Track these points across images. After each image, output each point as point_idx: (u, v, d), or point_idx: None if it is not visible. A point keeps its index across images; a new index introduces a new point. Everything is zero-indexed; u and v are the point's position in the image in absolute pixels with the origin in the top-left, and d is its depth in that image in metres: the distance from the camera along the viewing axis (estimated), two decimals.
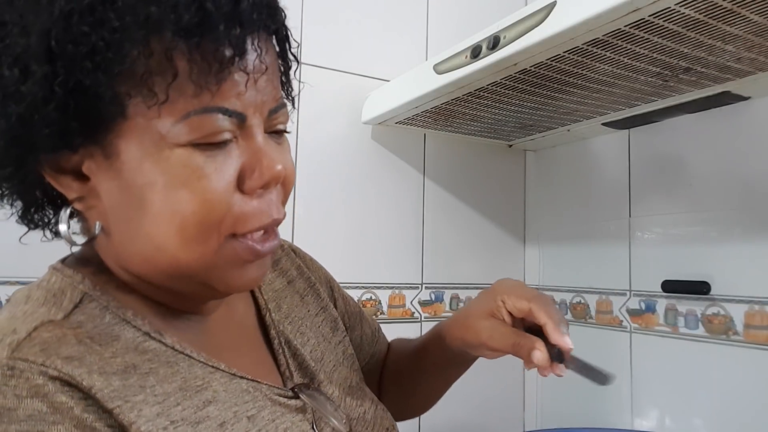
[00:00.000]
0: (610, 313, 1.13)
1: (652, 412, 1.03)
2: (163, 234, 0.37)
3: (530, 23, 0.72)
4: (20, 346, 0.33)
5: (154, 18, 0.33)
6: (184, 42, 0.34)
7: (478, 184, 1.32)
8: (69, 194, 0.39)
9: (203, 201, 0.36)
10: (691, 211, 0.99)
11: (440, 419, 1.23)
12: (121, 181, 0.37)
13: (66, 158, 0.38)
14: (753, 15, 0.61)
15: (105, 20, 0.32)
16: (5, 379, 0.31)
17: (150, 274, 0.40)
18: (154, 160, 0.36)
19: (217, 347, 0.44)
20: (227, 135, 0.37)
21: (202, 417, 0.38)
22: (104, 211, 0.39)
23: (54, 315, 0.37)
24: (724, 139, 0.94)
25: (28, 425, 0.30)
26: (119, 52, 0.33)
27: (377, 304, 1.16)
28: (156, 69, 0.34)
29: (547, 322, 0.52)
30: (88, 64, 0.33)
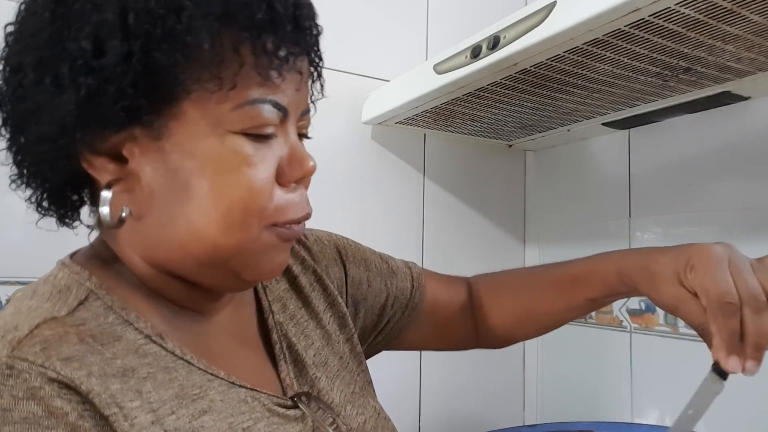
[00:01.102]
0: (610, 313, 1.13)
1: (652, 412, 1.03)
2: (205, 218, 0.38)
3: (530, 23, 0.72)
4: (21, 344, 0.33)
5: (229, 11, 0.36)
6: (251, 36, 0.37)
7: (478, 184, 1.32)
8: (102, 176, 0.39)
9: (250, 188, 0.38)
10: (691, 211, 0.99)
11: (440, 413, 1.23)
12: (167, 164, 0.38)
13: (108, 138, 0.37)
14: (753, 15, 0.61)
15: (182, 7, 0.35)
16: (3, 378, 0.31)
17: (179, 261, 0.40)
18: (207, 145, 0.37)
19: (217, 352, 0.44)
20: (272, 129, 0.40)
21: (196, 427, 0.37)
22: (141, 195, 0.39)
23: (58, 311, 0.36)
24: (724, 139, 0.94)
25: (22, 428, 0.30)
26: (197, 36, 0.35)
27: None
28: (224, 58, 0.36)
29: (714, 335, 0.46)
30: (165, 45, 0.34)
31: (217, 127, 0.37)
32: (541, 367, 1.31)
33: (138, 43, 0.34)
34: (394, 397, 1.18)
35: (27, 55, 0.37)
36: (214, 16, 0.35)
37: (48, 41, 0.36)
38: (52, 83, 0.36)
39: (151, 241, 0.40)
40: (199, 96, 0.37)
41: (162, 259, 0.41)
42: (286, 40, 0.38)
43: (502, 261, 1.35)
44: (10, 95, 0.38)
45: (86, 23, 0.35)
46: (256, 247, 0.40)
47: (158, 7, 0.34)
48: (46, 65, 0.36)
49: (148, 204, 0.39)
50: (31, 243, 0.88)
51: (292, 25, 0.39)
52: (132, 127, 0.37)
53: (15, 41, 0.39)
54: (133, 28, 0.34)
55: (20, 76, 0.37)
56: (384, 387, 1.17)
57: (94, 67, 0.35)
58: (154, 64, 0.35)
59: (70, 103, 0.35)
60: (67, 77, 0.35)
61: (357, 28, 1.15)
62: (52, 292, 0.38)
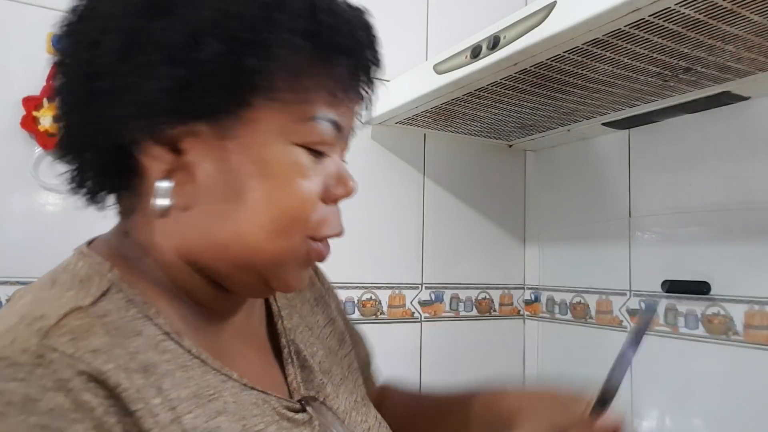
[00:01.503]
0: (610, 313, 1.13)
1: (652, 412, 1.03)
2: (253, 222, 0.39)
3: (530, 23, 0.72)
4: (49, 333, 0.32)
5: (315, 31, 0.38)
6: (330, 58, 0.39)
7: (478, 184, 1.32)
8: (155, 165, 0.39)
9: (302, 199, 0.40)
10: (691, 211, 0.99)
11: None
12: (226, 162, 0.39)
13: (173, 129, 0.38)
14: (753, 15, 0.61)
15: (274, 19, 0.36)
16: (33, 367, 0.30)
17: (215, 260, 0.41)
18: (270, 151, 0.39)
19: (230, 353, 0.44)
20: (328, 146, 0.41)
21: (212, 427, 0.37)
22: (191, 189, 0.39)
23: (82, 300, 0.36)
24: (724, 139, 0.94)
25: (49, 419, 0.29)
26: (283, 49, 0.37)
27: (377, 304, 1.16)
28: (303, 73, 0.38)
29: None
30: (254, 51, 0.36)
31: (281, 137, 0.39)
32: (541, 367, 1.31)
33: (231, 45, 0.36)
34: None
35: (108, 35, 0.37)
36: (301, 33, 0.37)
37: (137, 27, 0.36)
38: (138, 69, 0.36)
39: (190, 234, 0.40)
40: (272, 104, 0.38)
41: (197, 254, 0.41)
42: (359, 67, 0.41)
43: (502, 261, 1.35)
44: (79, 69, 0.38)
45: (185, 17, 0.36)
46: (291, 258, 0.41)
47: (254, 15, 0.36)
48: (133, 49, 0.36)
49: (197, 198, 0.39)
50: (31, 243, 0.88)
51: (366, 54, 0.41)
52: (199, 123, 0.38)
53: (89, 17, 0.39)
54: (229, 30, 0.36)
55: (96, 53, 0.37)
56: None
57: (188, 61, 0.35)
58: (241, 67, 0.36)
59: (154, 91, 0.36)
60: (159, 66, 0.35)
61: None
62: (73, 282, 0.38)
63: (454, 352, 1.26)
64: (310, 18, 0.38)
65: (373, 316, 1.15)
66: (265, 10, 0.36)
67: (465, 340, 1.27)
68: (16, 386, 0.29)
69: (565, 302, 1.25)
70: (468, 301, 1.29)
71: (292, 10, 0.37)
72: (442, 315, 1.25)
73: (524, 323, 1.37)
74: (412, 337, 1.21)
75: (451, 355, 1.25)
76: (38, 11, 0.89)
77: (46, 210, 0.89)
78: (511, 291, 1.36)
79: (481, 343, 1.30)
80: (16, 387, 0.29)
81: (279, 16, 0.36)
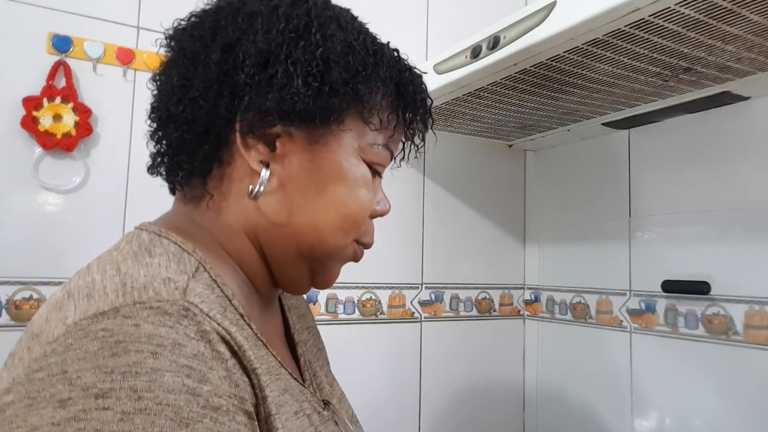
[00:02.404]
0: (610, 313, 1.13)
1: (652, 412, 1.03)
2: (327, 217, 0.46)
3: (530, 23, 0.72)
4: (187, 291, 0.37)
5: (403, 82, 0.50)
6: (405, 105, 0.50)
7: (478, 184, 1.32)
8: (252, 155, 0.45)
9: (364, 207, 0.48)
10: (691, 211, 0.99)
11: (440, 413, 1.23)
12: (312, 164, 0.46)
13: (275, 127, 0.45)
14: (753, 15, 0.61)
15: (380, 67, 0.47)
16: (179, 318, 0.34)
17: (282, 245, 0.47)
18: (350, 162, 0.47)
19: (273, 343, 0.48)
20: (381, 169, 0.51)
21: (283, 402, 0.41)
22: (279, 181, 0.46)
23: (189, 272, 0.40)
24: (724, 139, 0.94)
25: (194, 362, 0.33)
26: (381, 87, 0.47)
27: (377, 304, 1.16)
28: (386, 108, 0.49)
29: None
30: (363, 83, 0.45)
31: (358, 153, 0.48)
32: (541, 367, 1.31)
33: (351, 74, 0.45)
34: (394, 397, 1.18)
35: (255, 45, 0.43)
36: (394, 81, 0.48)
37: (280, 44, 0.43)
38: (271, 78, 0.43)
39: (266, 219, 0.46)
40: (358, 126, 0.48)
41: (268, 238, 0.47)
42: (419, 117, 0.52)
43: (502, 261, 1.35)
44: (219, 66, 0.44)
45: (321, 44, 0.44)
46: (342, 254, 0.49)
47: (367, 56, 0.46)
48: (273, 61, 0.43)
49: (282, 189, 0.46)
50: (31, 243, 0.88)
51: (428, 109, 0.53)
52: (298, 128, 0.45)
53: (240, 28, 0.45)
54: (350, 63, 0.45)
55: (239, 58, 0.43)
56: (384, 387, 1.17)
57: (317, 79, 0.44)
58: (353, 93, 0.45)
59: (278, 98, 0.43)
60: (293, 78, 0.43)
61: None
62: (169, 257, 0.41)
63: (454, 352, 1.26)
64: (398, 72, 0.49)
65: (373, 316, 1.15)
66: (373, 56, 0.46)
67: (465, 340, 1.28)
68: (166, 332, 0.33)
69: (565, 302, 1.25)
70: (468, 301, 1.29)
71: (388, 60, 0.48)
72: (442, 315, 1.25)
73: (524, 323, 1.37)
74: (412, 337, 1.21)
75: (451, 355, 1.26)
76: (38, 11, 0.89)
77: (46, 210, 0.89)
78: (511, 291, 1.36)
79: (481, 343, 1.30)
80: (166, 332, 0.33)
81: (381, 64, 0.47)
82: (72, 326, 0.33)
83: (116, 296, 0.35)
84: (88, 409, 0.30)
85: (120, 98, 0.95)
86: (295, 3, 0.46)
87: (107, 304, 0.34)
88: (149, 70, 0.96)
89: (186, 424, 0.31)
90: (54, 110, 0.88)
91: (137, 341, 0.32)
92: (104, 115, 0.93)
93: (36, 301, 0.87)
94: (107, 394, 0.30)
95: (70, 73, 0.90)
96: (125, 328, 0.33)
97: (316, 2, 0.47)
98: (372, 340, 1.16)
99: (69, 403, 0.30)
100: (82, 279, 0.38)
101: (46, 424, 0.29)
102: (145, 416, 0.30)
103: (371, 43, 0.48)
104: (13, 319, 0.85)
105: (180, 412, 0.31)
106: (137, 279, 0.36)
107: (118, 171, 0.94)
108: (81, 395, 0.30)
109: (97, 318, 0.33)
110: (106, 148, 0.93)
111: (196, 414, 0.32)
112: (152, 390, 0.31)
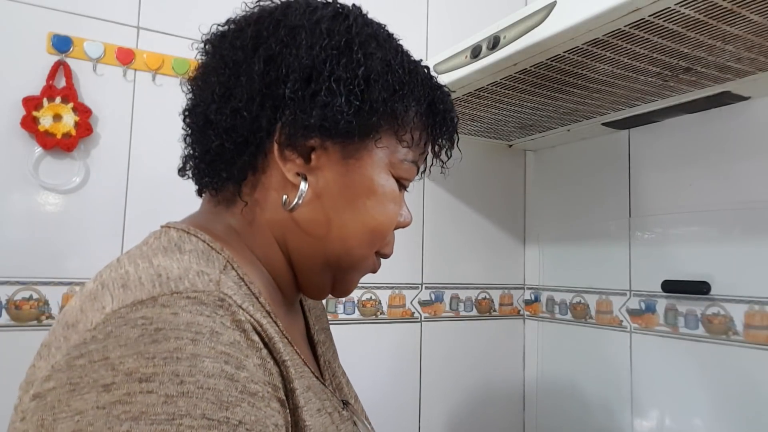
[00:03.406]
0: (610, 313, 1.13)
1: (652, 412, 1.03)
2: (356, 228, 0.48)
3: (530, 23, 0.72)
4: (220, 284, 0.38)
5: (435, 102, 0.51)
6: (434, 124, 0.51)
7: (478, 184, 1.32)
8: (288, 166, 0.46)
9: (391, 219, 0.50)
10: (691, 211, 0.99)
11: (440, 413, 1.23)
12: (345, 177, 0.47)
13: (310, 140, 0.46)
14: (753, 15, 0.61)
15: (415, 88, 0.48)
16: (215, 308, 0.36)
17: (310, 253, 0.49)
18: (381, 177, 0.49)
19: (297, 343, 0.48)
20: (407, 183, 0.52)
21: (307, 399, 0.42)
22: (313, 191, 0.47)
23: (216, 268, 0.41)
24: (724, 139, 0.94)
25: (231, 349, 0.35)
26: (414, 106, 0.49)
27: (377, 304, 1.16)
28: (417, 127, 0.50)
29: None
30: (399, 102, 0.47)
31: (388, 168, 0.49)
32: (541, 367, 1.31)
33: (390, 93, 0.46)
34: (394, 397, 1.18)
35: (299, 61, 0.44)
36: (427, 99, 0.50)
37: (324, 61, 0.45)
38: (314, 94, 0.44)
39: (298, 228, 0.48)
40: (391, 142, 0.49)
41: (297, 246, 0.49)
42: (447, 137, 0.53)
43: (502, 261, 1.35)
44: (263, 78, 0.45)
45: (362, 63, 0.45)
46: (364, 265, 0.51)
47: (404, 74, 0.47)
48: (316, 77, 0.44)
49: (315, 199, 0.47)
50: (31, 243, 0.88)
51: (453, 132, 0.54)
52: (334, 142, 0.46)
53: (287, 43, 0.46)
54: (389, 82, 0.46)
55: (283, 72, 0.44)
56: (384, 387, 1.17)
57: (359, 95, 0.45)
58: (391, 111, 0.47)
59: (320, 113, 0.44)
60: (335, 95, 0.44)
61: None
62: (199, 254, 0.42)
63: (454, 352, 1.26)
64: (431, 90, 0.50)
65: (373, 316, 1.15)
66: (409, 75, 0.48)
67: (465, 340, 1.28)
68: (204, 320, 0.35)
69: (565, 302, 1.25)
70: (468, 301, 1.29)
71: (422, 79, 0.50)
72: (442, 315, 1.25)
73: (524, 323, 1.37)
74: (412, 337, 1.21)
75: (451, 355, 1.26)
76: (38, 11, 0.89)
77: (46, 210, 0.89)
78: (511, 291, 1.36)
79: (481, 343, 1.30)
80: (204, 321, 0.35)
81: (416, 82, 0.48)
82: (111, 314, 0.34)
83: (152, 286, 0.36)
84: (133, 393, 0.31)
85: (120, 98, 0.95)
86: (335, 18, 0.47)
87: (144, 293, 0.35)
88: (149, 69, 0.96)
89: (226, 407, 0.32)
90: (54, 110, 0.88)
91: (176, 329, 0.33)
92: (104, 115, 0.93)
93: (36, 301, 0.87)
94: (150, 378, 0.31)
95: (70, 73, 0.90)
96: (164, 317, 0.34)
97: (356, 19, 0.48)
98: (372, 340, 1.16)
99: (113, 387, 0.31)
100: (114, 271, 0.39)
101: (90, 407, 0.30)
102: (187, 399, 0.31)
103: (407, 62, 0.49)
104: (13, 319, 0.85)
105: (220, 395, 0.33)
106: (171, 270, 0.38)
107: (118, 171, 0.94)
108: (125, 380, 0.31)
109: (136, 306, 0.34)
110: (106, 148, 0.93)
111: (235, 398, 0.33)
112: (193, 374, 0.32)
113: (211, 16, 0.52)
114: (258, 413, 0.34)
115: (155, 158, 0.97)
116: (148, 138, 0.96)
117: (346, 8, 0.48)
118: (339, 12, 0.47)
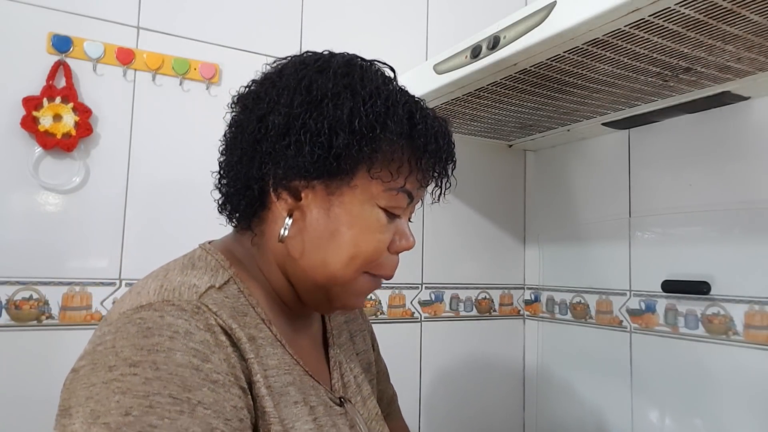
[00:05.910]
0: (610, 313, 1.13)
1: (652, 412, 1.03)
2: (337, 256, 0.53)
3: (530, 23, 0.72)
4: (202, 296, 0.48)
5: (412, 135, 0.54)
6: (418, 154, 0.54)
7: (478, 184, 1.32)
8: (282, 204, 0.54)
9: (375, 248, 0.54)
10: (691, 211, 0.99)
11: (440, 413, 1.23)
12: (329, 212, 0.53)
13: (300, 182, 0.52)
14: (753, 15, 0.61)
15: (387, 126, 0.51)
16: (192, 314, 0.46)
17: (301, 278, 0.56)
18: (362, 209, 0.54)
19: (298, 346, 0.58)
20: (400, 211, 0.56)
21: (285, 392, 0.51)
22: (302, 225, 0.54)
23: (215, 282, 0.51)
24: (724, 139, 0.94)
25: (200, 346, 0.44)
26: (389, 144, 0.52)
27: (377, 304, 1.16)
28: (397, 161, 0.54)
29: None
30: (373, 144, 0.51)
31: (371, 200, 0.54)
32: (541, 367, 1.31)
33: (355, 138, 0.50)
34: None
35: (275, 116, 0.51)
36: (404, 135, 0.53)
37: (296, 115, 0.51)
38: (291, 144, 0.50)
39: (290, 256, 0.55)
40: (370, 178, 0.53)
41: (290, 271, 0.56)
42: (437, 163, 0.56)
43: (502, 261, 1.35)
44: (250, 135, 0.53)
45: (329, 114, 0.50)
46: (353, 286, 0.56)
47: (373, 118, 0.51)
48: (290, 129, 0.51)
49: (304, 232, 0.54)
50: (31, 243, 0.88)
51: (443, 155, 0.56)
52: (318, 182, 0.52)
53: (266, 100, 0.53)
54: (355, 127, 0.50)
55: (265, 126, 0.52)
56: None
57: (325, 144, 0.50)
58: (358, 152, 0.51)
59: (298, 159, 0.50)
60: (306, 144, 0.50)
61: (357, 28, 1.15)
62: (207, 269, 0.53)
63: (454, 352, 1.26)
64: (408, 125, 0.53)
65: (373, 316, 1.15)
66: (381, 117, 0.51)
67: (465, 340, 1.28)
68: (182, 323, 0.45)
69: (565, 302, 1.26)
70: (468, 301, 1.29)
71: (398, 118, 0.52)
72: (442, 315, 1.25)
73: (524, 323, 1.37)
74: (412, 337, 1.21)
75: (451, 355, 1.26)
76: (38, 11, 0.89)
77: (46, 210, 0.89)
78: (511, 291, 1.36)
79: (481, 343, 1.30)
80: (181, 323, 0.45)
81: (389, 122, 0.51)
82: (122, 314, 0.45)
83: (153, 295, 0.47)
84: (125, 374, 0.41)
85: (120, 98, 0.95)
86: (320, 73, 0.53)
87: (146, 300, 0.46)
88: (149, 69, 0.96)
89: (189, 390, 0.42)
90: (54, 110, 0.88)
91: (160, 328, 0.44)
92: (104, 115, 0.93)
93: (36, 301, 0.87)
94: (137, 364, 0.41)
95: (70, 73, 0.90)
96: (154, 318, 0.44)
97: (337, 71, 0.53)
98: None
99: (113, 368, 0.41)
100: (143, 281, 0.51)
101: (99, 381, 0.41)
102: (160, 382, 0.41)
103: (383, 104, 0.52)
104: (13, 319, 0.85)
105: (185, 381, 0.42)
106: (172, 283, 0.49)
107: (118, 171, 0.94)
108: (121, 363, 0.41)
109: (137, 310, 0.45)
110: (106, 148, 0.93)
111: (197, 383, 0.42)
112: (167, 364, 0.42)
113: (211, 17, 0.52)
114: (217, 396, 0.43)
115: (155, 158, 0.97)
116: (148, 138, 0.96)
117: (332, 62, 0.54)
118: (323, 68, 0.53)
